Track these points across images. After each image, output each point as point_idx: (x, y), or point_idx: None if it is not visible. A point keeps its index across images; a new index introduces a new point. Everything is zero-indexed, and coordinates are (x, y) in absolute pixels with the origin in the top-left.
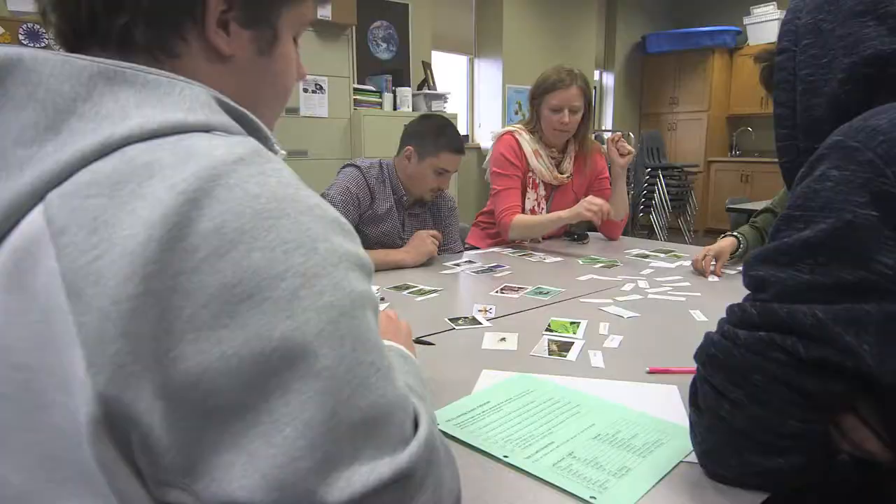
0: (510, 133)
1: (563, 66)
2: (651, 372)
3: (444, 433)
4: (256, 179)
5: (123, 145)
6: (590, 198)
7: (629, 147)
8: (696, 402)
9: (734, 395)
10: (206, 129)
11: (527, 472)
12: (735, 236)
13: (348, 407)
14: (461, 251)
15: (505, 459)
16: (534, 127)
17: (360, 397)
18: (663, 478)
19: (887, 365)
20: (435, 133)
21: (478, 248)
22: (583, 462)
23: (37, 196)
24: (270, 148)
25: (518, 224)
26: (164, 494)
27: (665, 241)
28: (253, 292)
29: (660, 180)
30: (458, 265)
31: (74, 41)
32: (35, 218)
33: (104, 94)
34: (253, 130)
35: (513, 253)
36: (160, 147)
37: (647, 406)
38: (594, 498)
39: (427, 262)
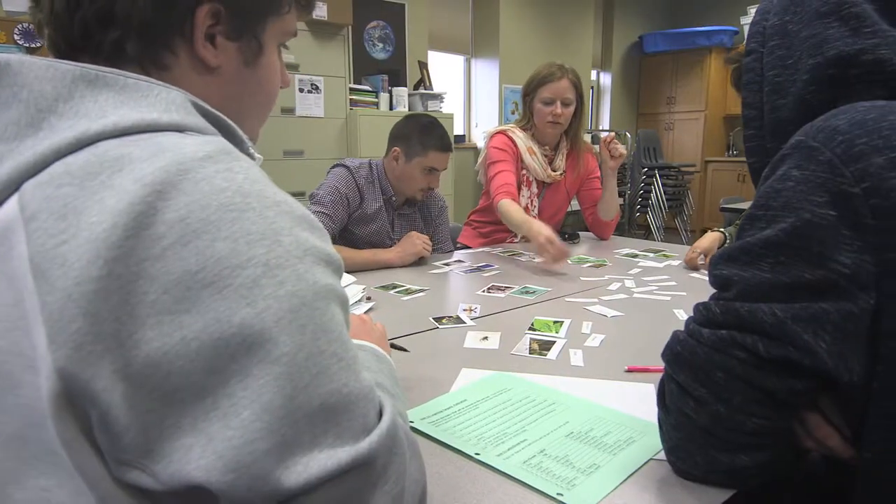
0: (503, 132)
1: (553, 62)
2: (629, 371)
3: (419, 431)
4: (223, 175)
5: (97, 140)
6: (554, 238)
7: (621, 149)
8: (664, 400)
9: (698, 392)
10: (179, 128)
11: (497, 469)
12: (721, 231)
13: (307, 393)
14: (451, 251)
15: (476, 457)
16: (526, 125)
17: (320, 385)
18: (632, 475)
19: (844, 363)
20: (421, 132)
21: (469, 248)
22: (553, 459)
23: (13, 186)
24: (245, 152)
25: (501, 209)
26: (123, 473)
27: (661, 240)
28: (214, 280)
29: (656, 180)
30: (447, 265)
31: (67, 52)
32: (11, 206)
33: (85, 95)
34: (229, 134)
35: (503, 253)
36: (132, 143)
37: (624, 404)
38: (561, 495)
39: (417, 262)
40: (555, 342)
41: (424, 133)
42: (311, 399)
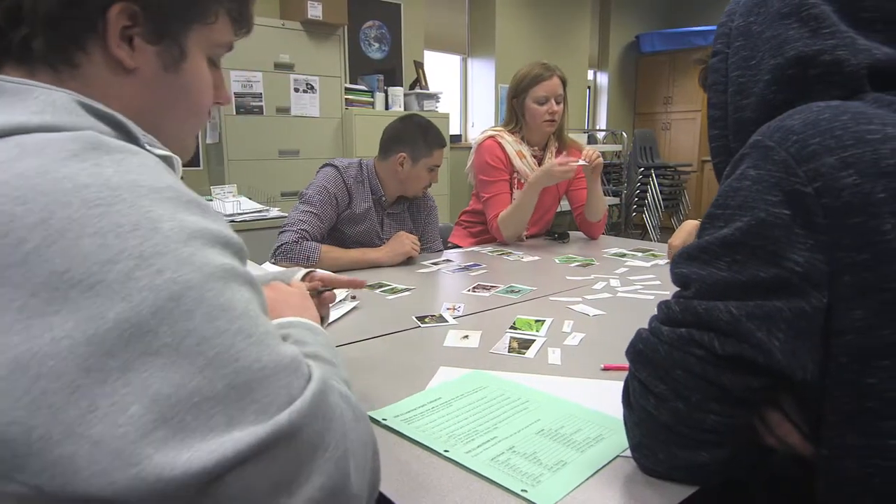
0: (492, 138)
1: (537, 62)
2: (605, 369)
3: (390, 428)
4: (88, 171)
5: None
6: (558, 160)
7: (597, 159)
8: (628, 397)
9: (659, 389)
10: (52, 129)
11: (464, 466)
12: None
13: (206, 376)
14: (441, 250)
15: (445, 454)
16: (514, 127)
17: (223, 365)
18: (597, 472)
19: (797, 361)
20: (424, 134)
21: (460, 247)
22: (521, 456)
23: None
24: (144, 148)
25: (502, 221)
26: (4, 486)
27: (658, 240)
28: (83, 277)
29: (653, 180)
30: (435, 264)
31: None
32: None
33: None
34: (124, 132)
35: (492, 252)
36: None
37: (597, 402)
38: (525, 491)
39: (405, 262)
40: (534, 340)
41: (426, 134)
42: (213, 381)
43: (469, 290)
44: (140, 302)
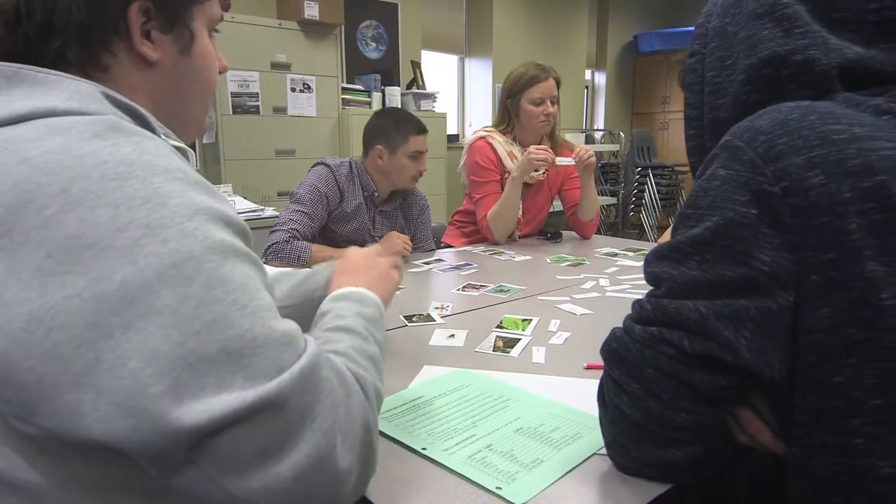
0: (483, 139)
1: (531, 63)
2: (588, 368)
3: None
4: (108, 150)
5: None
6: (531, 148)
7: (589, 158)
8: (602, 396)
9: (631, 388)
10: (79, 114)
11: (441, 463)
12: None
13: (201, 339)
14: (433, 249)
15: (423, 452)
16: (506, 127)
17: (217, 330)
18: (573, 469)
19: (764, 359)
20: (396, 123)
21: (452, 247)
22: (498, 454)
23: None
24: (159, 136)
25: (491, 219)
26: (22, 427)
27: (655, 240)
28: (95, 242)
29: (650, 179)
30: (427, 263)
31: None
32: None
33: (1, 90)
34: (142, 122)
35: (484, 252)
36: (26, 127)
37: (578, 400)
38: (499, 488)
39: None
40: (520, 340)
41: (397, 123)
42: (207, 344)
43: (458, 290)
44: (145, 267)
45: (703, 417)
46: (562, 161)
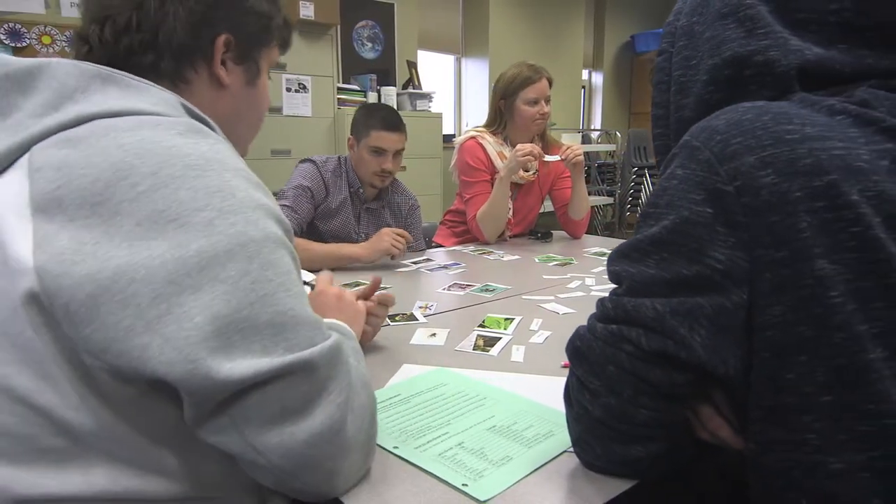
0: (473, 139)
1: (524, 63)
2: (565, 366)
3: None
4: (190, 146)
5: (93, 119)
6: (518, 146)
7: (578, 157)
8: (568, 393)
9: (593, 385)
10: (164, 116)
11: (410, 461)
12: None
13: (253, 310)
14: (423, 249)
15: (394, 450)
16: (497, 128)
17: (267, 305)
18: (541, 467)
19: (718, 356)
20: (366, 116)
21: (443, 247)
22: (469, 452)
23: (25, 148)
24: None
25: (480, 218)
26: (92, 362)
27: None
28: (177, 217)
29: (647, 179)
30: (416, 263)
31: (106, 65)
32: (23, 161)
33: (97, 89)
34: (211, 130)
35: (473, 251)
36: (121, 119)
37: (553, 398)
38: (466, 485)
39: (386, 261)
40: (500, 338)
41: (367, 116)
42: (259, 315)
43: (444, 289)
44: (216, 242)
45: (662, 414)
46: (549, 158)
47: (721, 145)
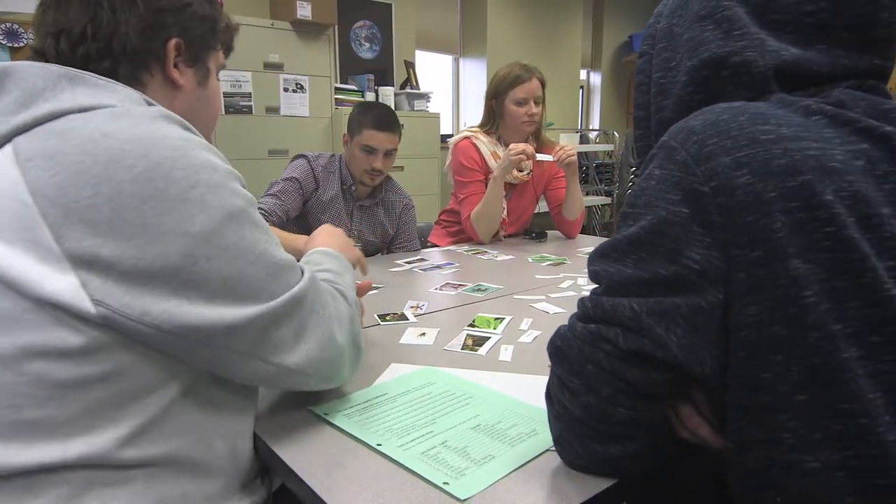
0: (467, 139)
1: (516, 63)
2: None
3: (330, 423)
4: (165, 129)
5: (67, 114)
6: (511, 145)
7: (570, 157)
8: (548, 392)
9: (573, 384)
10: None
11: (393, 459)
12: None
13: (255, 267)
14: (418, 249)
15: (378, 448)
16: (490, 127)
17: (263, 260)
18: (523, 465)
19: (694, 356)
20: (359, 114)
21: (438, 246)
22: (452, 450)
23: (3, 140)
24: None
25: (474, 218)
26: (136, 327)
27: None
28: (176, 195)
29: None
30: (409, 263)
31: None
32: (6, 153)
33: (65, 88)
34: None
35: (467, 251)
36: (96, 113)
37: (539, 398)
38: (446, 483)
39: (377, 260)
40: (489, 338)
41: (361, 114)
42: (259, 269)
43: (436, 289)
44: (213, 215)
45: (641, 413)
46: (542, 157)
47: (697, 146)
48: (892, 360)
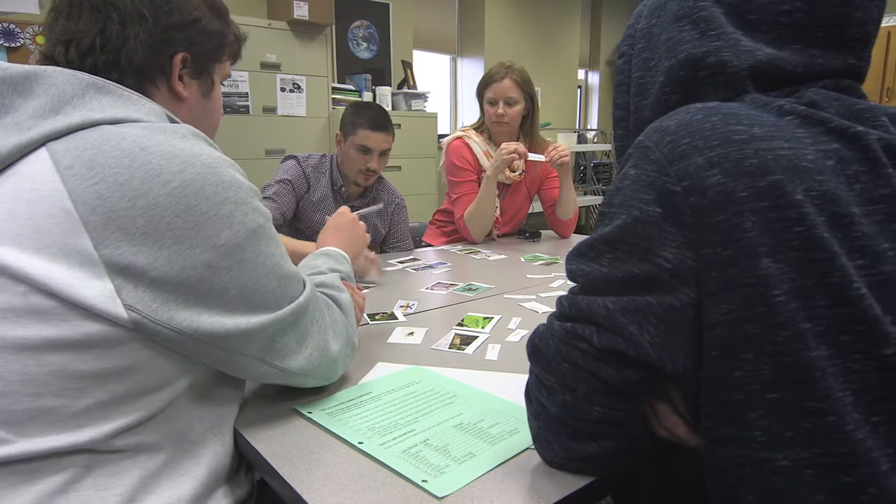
0: (459, 138)
1: (503, 62)
2: None
3: (313, 420)
4: (196, 147)
5: (98, 124)
6: (503, 145)
7: (563, 157)
8: (527, 390)
9: (549, 382)
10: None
11: (373, 457)
12: None
13: (268, 279)
14: (411, 249)
15: (359, 446)
16: (481, 126)
17: (275, 272)
18: (503, 463)
19: (667, 354)
20: (354, 113)
21: (432, 246)
22: (433, 449)
23: (34, 145)
24: None
25: (467, 218)
26: (161, 331)
27: None
28: (206, 210)
29: None
30: (402, 262)
31: None
32: (42, 157)
33: (93, 97)
34: None
35: (461, 251)
36: (130, 126)
37: (522, 396)
38: (425, 481)
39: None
40: (477, 337)
41: (356, 114)
42: (271, 281)
43: (427, 288)
44: (238, 230)
45: (617, 411)
46: (534, 157)
47: (671, 146)
48: (862, 358)
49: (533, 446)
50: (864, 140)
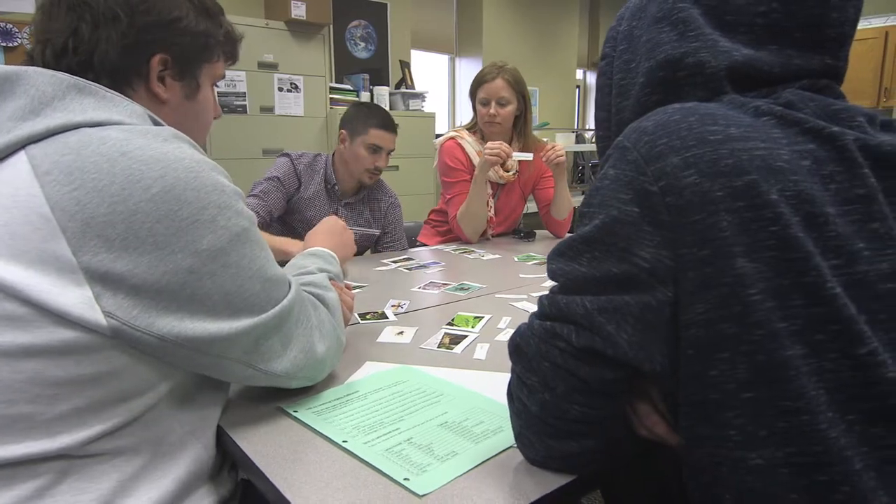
0: (452, 139)
1: (495, 62)
2: None
3: (299, 419)
4: (179, 150)
5: (79, 127)
6: (487, 144)
7: (559, 157)
8: (509, 389)
9: (530, 381)
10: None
11: (356, 455)
12: None
13: (252, 282)
14: (406, 248)
15: (343, 444)
16: (474, 126)
17: (259, 276)
18: (486, 461)
19: (645, 353)
20: (364, 114)
21: (427, 246)
22: (416, 447)
23: (13, 148)
24: None
25: (459, 218)
26: (142, 338)
27: None
28: (188, 216)
29: None
30: (395, 262)
31: None
32: (21, 160)
33: (74, 98)
34: None
35: (455, 251)
36: (111, 129)
37: None
38: (407, 479)
39: (365, 259)
40: (466, 336)
41: (367, 114)
42: (255, 284)
43: (419, 288)
44: (221, 235)
45: (595, 410)
46: (519, 156)
47: (648, 146)
48: (836, 357)
49: (515, 445)
50: (840, 140)
